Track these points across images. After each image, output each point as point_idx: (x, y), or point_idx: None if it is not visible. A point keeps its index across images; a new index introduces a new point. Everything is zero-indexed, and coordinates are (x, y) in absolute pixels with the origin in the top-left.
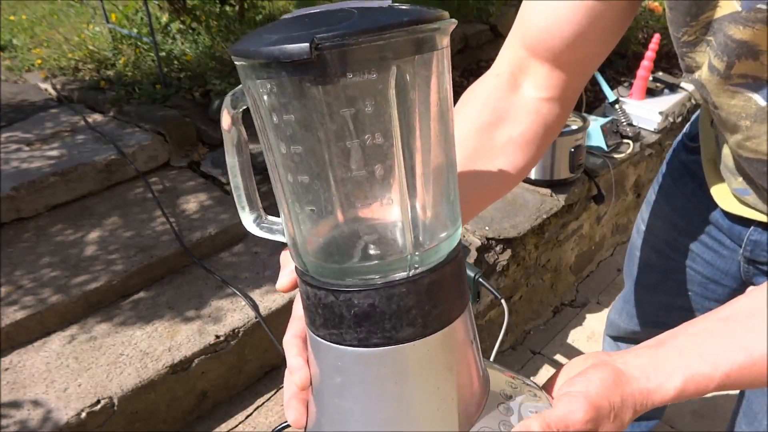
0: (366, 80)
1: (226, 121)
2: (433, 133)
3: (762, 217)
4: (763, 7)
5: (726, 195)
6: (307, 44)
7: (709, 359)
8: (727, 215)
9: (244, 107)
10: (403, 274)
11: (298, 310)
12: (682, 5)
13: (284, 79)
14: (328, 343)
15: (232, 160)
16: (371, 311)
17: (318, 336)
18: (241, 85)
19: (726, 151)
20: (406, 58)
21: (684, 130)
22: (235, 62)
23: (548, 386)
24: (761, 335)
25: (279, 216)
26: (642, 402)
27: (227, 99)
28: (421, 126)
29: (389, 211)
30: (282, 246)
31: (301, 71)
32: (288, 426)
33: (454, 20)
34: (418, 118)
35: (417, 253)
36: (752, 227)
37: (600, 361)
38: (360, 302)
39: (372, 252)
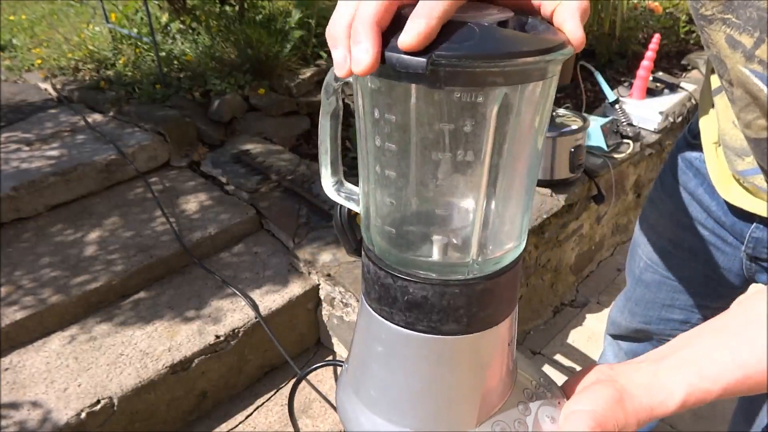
0: (471, 101)
1: (328, 89)
2: (522, 155)
3: (763, 211)
4: None
5: (728, 183)
6: (425, 60)
7: (707, 375)
8: (730, 211)
9: (346, 82)
10: (459, 277)
11: None
12: None
13: (394, 83)
14: (378, 316)
15: (324, 123)
16: (423, 302)
17: (371, 307)
18: None
19: (733, 132)
20: (515, 86)
21: (686, 127)
22: None
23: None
24: (756, 349)
25: (358, 186)
26: (645, 417)
27: (332, 70)
28: (512, 148)
29: (462, 218)
30: None
31: (411, 81)
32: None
33: (570, 50)
34: (512, 140)
35: (479, 260)
36: (754, 224)
37: (605, 377)
38: (414, 292)
39: (436, 252)
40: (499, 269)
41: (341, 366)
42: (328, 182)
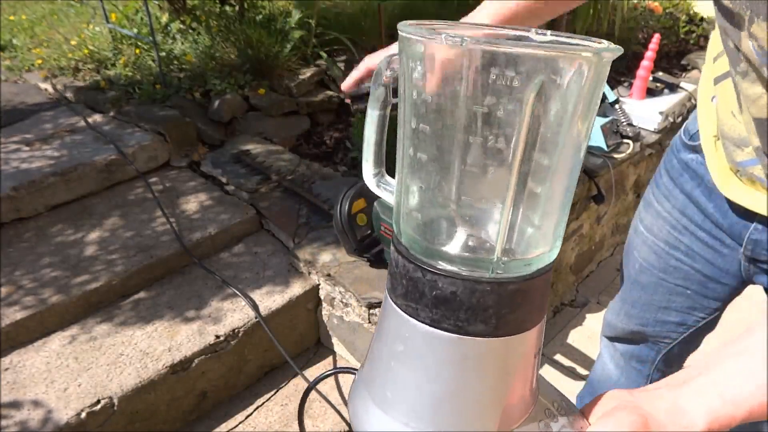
0: (506, 85)
1: (378, 78)
2: (560, 152)
3: (762, 208)
4: None
5: (728, 177)
6: (460, 38)
7: (730, 400)
8: (728, 212)
9: (395, 71)
10: (485, 274)
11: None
12: None
13: (431, 64)
14: (402, 313)
15: (372, 113)
16: (451, 298)
17: (395, 303)
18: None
19: (731, 122)
20: (551, 75)
21: (681, 130)
22: (400, 32)
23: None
24: None
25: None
26: None
27: (384, 60)
28: (550, 143)
29: (491, 212)
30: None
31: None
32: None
33: (617, 48)
34: (549, 134)
35: (504, 259)
36: (753, 225)
37: (626, 402)
38: (443, 287)
39: (460, 244)
40: (531, 272)
41: (352, 373)
42: (369, 173)
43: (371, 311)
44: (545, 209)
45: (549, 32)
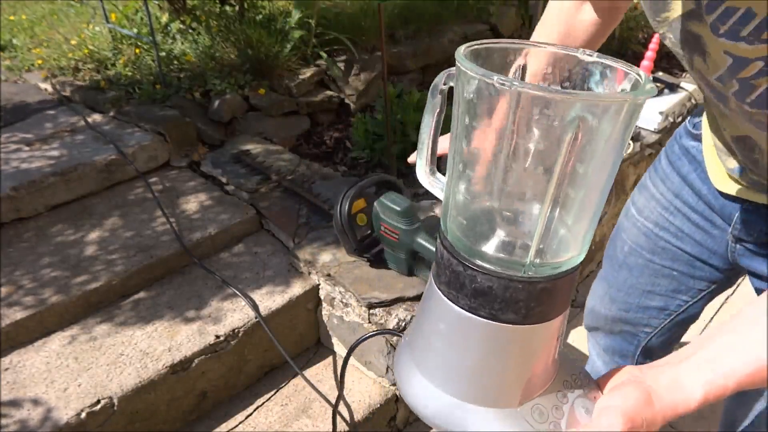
0: (547, 124)
1: (435, 89)
2: (592, 178)
3: (754, 197)
4: None
5: (723, 178)
6: (509, 82)
7: (722, 373)
8: (720, 194)
9: (450, 86)
10: (520, 274)
11: None
12: None
13: (484, 97)
14: (445, 298)
15: (428, 118)
16: (488, 291)
17: (439, 288)
18: (455, 68)
19: (719, 134)
20: (589, 115)
21: (688, 118)
22: (457, 62)
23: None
24: (764, 343)
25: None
26: (671, 415)
27: (442, 74)
28: (584, 170)
29: (527, 222)
30: None
31: (492, 97)
32: (379, 333)
33: (652, 91)
34: (583, 163)
35: (536, 261)
36: (743, 206)
37: (634, 378)
38: (481, 281)
39: (497, 248)
40: (558, 273)
41: (393, 335)
42: (422, 171)
43: (371, 311)
44: (579, 213)
45: (595, 54)
